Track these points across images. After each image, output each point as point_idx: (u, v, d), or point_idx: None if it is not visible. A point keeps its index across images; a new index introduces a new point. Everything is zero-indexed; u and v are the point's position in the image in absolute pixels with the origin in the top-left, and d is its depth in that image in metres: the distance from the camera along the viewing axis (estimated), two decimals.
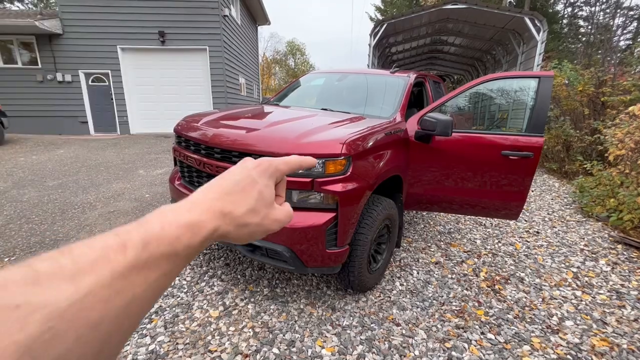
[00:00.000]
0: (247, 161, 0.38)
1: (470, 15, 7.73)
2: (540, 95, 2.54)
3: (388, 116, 2.77)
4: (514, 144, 2.55)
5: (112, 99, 10.58)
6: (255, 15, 15.67)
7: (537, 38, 6.66)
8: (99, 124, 10.82)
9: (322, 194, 1.94)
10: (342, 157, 1.92)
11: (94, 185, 4.91)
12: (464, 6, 7.02)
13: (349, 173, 1.96)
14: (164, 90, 10.72)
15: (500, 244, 3.42)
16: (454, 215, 4.16)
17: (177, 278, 2.50)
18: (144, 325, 2.01)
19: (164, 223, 0.27)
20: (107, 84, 10.51)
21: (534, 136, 2.53)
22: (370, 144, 2.15)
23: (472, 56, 11.70)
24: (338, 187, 1.92)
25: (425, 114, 2.59)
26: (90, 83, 10.52)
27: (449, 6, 7.07)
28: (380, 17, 24.74)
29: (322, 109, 3.02)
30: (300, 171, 1.84)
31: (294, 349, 1.90)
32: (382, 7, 26.01)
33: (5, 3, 21.94)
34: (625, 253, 3.29)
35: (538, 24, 6.63)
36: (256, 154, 2.01)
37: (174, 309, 2.17)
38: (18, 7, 22.14)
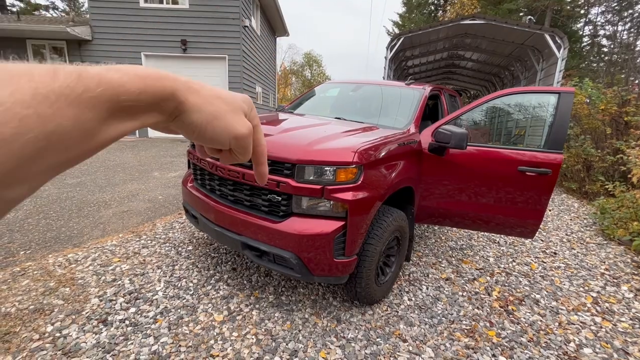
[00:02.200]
0: None
1: (488, 30, 7.70)
2: (560, 111, 2.48)
3: (402, 127, 2.75)
4: (531, 160, 2.48)
5: None
6: (275, 26, 16.08)
7: (558, 55, 6.56)
8: None
9: (331, 202, 1.93)
10: (354, 166, 1.91)
11: (111, 185, 5.04)
12: (482, 22, 7.00)
13: (359, 182, 1.94)
14: None
15: (514, 263, 3.30)
16: (466, 231, 4.06)
17: (184, 280, 2.51)
18: (148, 325, 2.01)
19: (110, 67, 0.26)
20: None
21: (553, 152, 2.46)
22: (383, 153, 2.13)
23: (490, 72, 11.60)
24: (348, 196, 1.91)
25: (440, 126, 2.56)
26: None
27: (467, 21, 7.07)
28: (397, 31, 24.97)
29: (336, 118, 3.03)
30: (307, 178, 1.83)
31: (296, 359, 1.85)
32: (400, 22, 26.26)
33: (40, 10, 23.28)
34: None
35: (559, 41, 6.53)
36: (269, 159, 2.01)
37: (179, 310, 2.17)
38: (52, 14, 23.45)
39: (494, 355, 2.00)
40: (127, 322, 2.03)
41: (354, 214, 1.92)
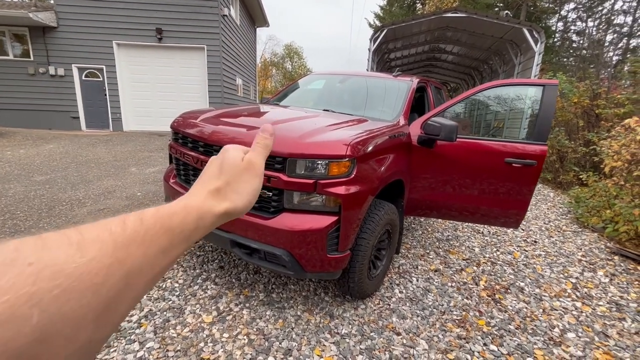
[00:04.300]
0: (213, 158, 0.44)
1: (469, 24, 7.81)
2: (545, 103, 2.52)
3: (391, 119, 2.72)
4: (517, 152, 2.52)
5: (105, 95, 10.38)
6: (255, 16, 15.65)
7: (535, 49, 6.74)
8: (91, 120, 10.59)
9: (324, 197, 1.87)
10: (347, 159, 1.86)
11: (84, 182, 4.76)
12: (463, 15, 7.08)
13: (352, 175, 1.89)
14: (159, 88, 10.56)
15: (498, 253, 3.39)
16: (451, 222, 4.13)
17: (169, 280, 2.40)
18: (132, 330, 1.90)
19: (158, 207, 0.31)
20: (101, 79, 10.32)
21: (538, 144, 2.51)
22: (375, 146, 2.09)
23: (469, 65, 11.83)
24: (341, 190, 1.86)
25: (429, 119, 2.55)
26: (83, 78, 10.32)
27: (449, 14, 7.12)
28: (378, 24, 24.99)
29: (324, 110, 2.96)
30: (299, 172, 1.77)
31: (290, 358, 1.81)
32: (381, 15, 26.30)
33: None
34: (622, 264, 3.29)
35: (536, 35, 6.71)
36: None
37: (164, 313, 2.06)
38: None
39: (485, 344, 2.03)
40: None
41: (347, 209, 1.88)
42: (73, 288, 0.21)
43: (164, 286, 2.33)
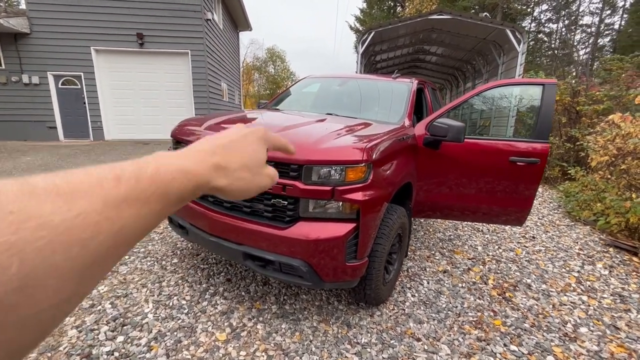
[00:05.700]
0: (241, 125, 0.41)
1: (454, 25, 7.98)
2: (545, 101, 2.57)
3: (396, 121, 2.70)
4: (521, 150, 2.55)
5: (84, 103, 9.97)
6: (237, 20, 15.49)
7: (518, 49, 6.96)
8: (70, 130, 10.14)
9: (341, 203, 1.82)
10: (363, 164, 1.81)
11: None
12: (448, 17, 7.22)
13: (369, 181, 1.85)
14: (142, 94, 10.23)
15: (501, 250, 3.43)
16: (451, 221, 4.16)
17: (176, 297, 2.28)
18: (143, 355, 1.78)
19: (159, 165, 0.29)
20: (79, 87, 9.90)
21: (540, 142, 2.55)
22: (388, 150, 2.06)
23: (453, 66, 12.09)
24: (359, 196, 1.81)
25: (435, 120, 2.55)
26: (60, 86, 9.87)
27: (435, 16, 7.25)
28: (360, 28, 25.26)
29: (327, 114, 2.91)
30: (316, 179, 1.71)
31: None
32: (362, 17, 26.62)
33: None
34: (618, 256, 3.39)
35: (519, 36, 6.93)
36: (271, 161, 1.85)
37: (175, 333, 1.95)
38: None
39: (505, 345, 2.03)
40: (116, 353, 1.78)
41: (365, 214, 1.83)
42: (60, 241, 0.20)
43: (170, 304, 2.21)
